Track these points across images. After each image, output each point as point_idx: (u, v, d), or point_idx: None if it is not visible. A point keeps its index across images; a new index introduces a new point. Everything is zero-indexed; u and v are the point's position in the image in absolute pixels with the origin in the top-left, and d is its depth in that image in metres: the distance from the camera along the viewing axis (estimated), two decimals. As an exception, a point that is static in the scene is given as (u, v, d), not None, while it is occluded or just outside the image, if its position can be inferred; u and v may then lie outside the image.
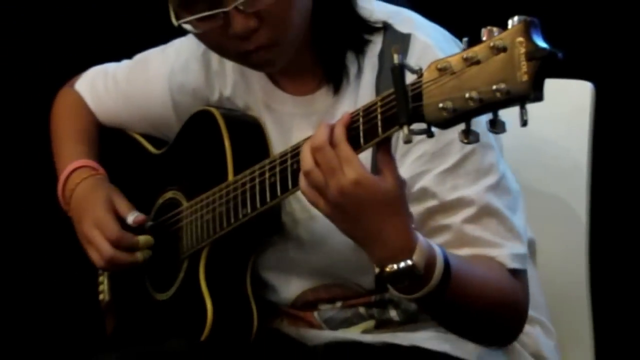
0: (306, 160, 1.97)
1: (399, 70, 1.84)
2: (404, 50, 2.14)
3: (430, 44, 2.04)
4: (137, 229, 2.57)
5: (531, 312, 2.45)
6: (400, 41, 2.21)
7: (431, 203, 2.30)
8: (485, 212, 2.30)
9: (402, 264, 1.99)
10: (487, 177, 2.31)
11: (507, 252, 2.28)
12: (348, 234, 2.10)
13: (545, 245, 2.54)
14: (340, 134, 1.91)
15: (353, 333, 2.49)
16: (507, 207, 2.32)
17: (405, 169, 2.25)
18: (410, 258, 1.97)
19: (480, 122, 1.80)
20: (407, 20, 2.36)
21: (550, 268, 2.58)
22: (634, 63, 4.07)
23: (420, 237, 2.03)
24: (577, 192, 2.73)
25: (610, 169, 2.75)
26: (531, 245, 2.51)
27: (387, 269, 2.00)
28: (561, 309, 2.66)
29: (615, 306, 2.77)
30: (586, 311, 2.74)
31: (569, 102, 2.77)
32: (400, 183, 2.01)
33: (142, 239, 2.55)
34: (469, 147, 2.22)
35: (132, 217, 2.54)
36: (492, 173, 2.31)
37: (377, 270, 2.04)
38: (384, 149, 1.97)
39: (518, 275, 2.31)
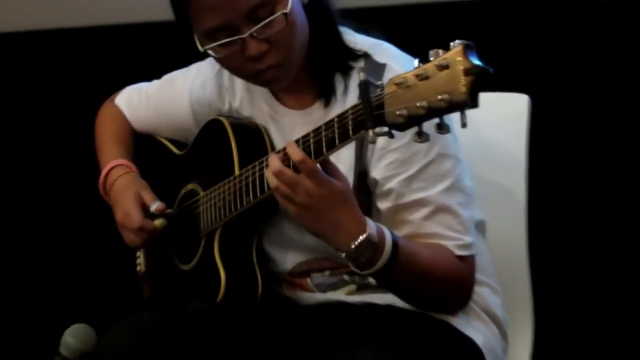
0: (271, 180, 2.10)
1: (365, 85, 1.90)
2: (379, 75, 2.19)
3: (399, 70, 2.02)
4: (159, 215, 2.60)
5: (481, 277, 2.52)
6: (377, 69, 2.27)
7: (397, 202, 2.35)
8: (440, 210, 2.36)
9: (360, 238, 2.07)
10: (444, 181, 2.35)
11: (456, 243, 2.35)
12: (314, 230, 2.18)
13: (493, 224, 2.59)
14: (299, 156, 2.02)
15: (339, 295, 2.53)
16: (460, 204, 2.38)
17: (378, 171, 2.34)
18: (365, 231, 2.07)
19: (445, 137, 2.03)
20: (384, 52, 2.42)
21: (497, 242, 2.64)
22: (563, 79, 4.08)
23: (367, 218, 2.14)
24: (518, 182, 2.79)
25: (543, 163, 2.78)
26: (482, 224, 2.56)
27: (352, 247, 2.07)
28: (506, 274, 2.70)
29: (548, 270, 2.78)
30: (526, 275, 2.79)
31: (510, 110, 2.82)
32: (347, 181, 2.15)
33: (158, 222, 2.60)
34: (430, 156, 2.35)
35: (154, 206, 2.59)
36: (447, 178, 2.36)
37: (342, 254, 2.10)
38: (325, 162, 2.09)
39: (465, 259, 2.37)
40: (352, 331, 2.36)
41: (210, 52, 2.35)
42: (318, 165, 2.06)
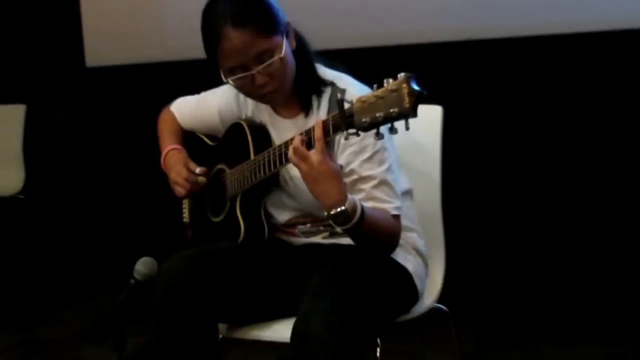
0: (291, 151, 2.14)
1: (341, 102, 2.00)
2: (341, 94, 2.16)
3: (356, 93, 2.09)
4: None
5: (412, 225, 2.58)
6: (340, 91, 2.35)
7: (355, 177, 2.37)
8: (382, 183, 2.38)
9: (339, 209, 2.13)
10: (384, 164, 2.39)
11: (392, 206, 2.37)
12: (311, 190, 2.19)
13: (418, 191, 2.64)
14: (320, 135, 2.09)
15: (316, 239, 2.57)
16: (394, 180, 2.41)
17: (342, 158, 2.38)
18: (344, 205, 2.12)
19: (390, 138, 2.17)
20: (343, 81, 2.45)
21: (421, 202, 2.68)
22: (470, 93, 4.09)
23: (349, 194, 2.16)
24: (434, 164, 2.83)
25: (450, 153, 2.76)
26: (411, 192, 2.60)
27: (332, 212, 2.14)
28: (426, 223, 2.73)
29: (454, 221, 2.77)
30: (439, 224, 2.82)
31: (430, 116, 2.84)
32: (339, 168, 2.17)
33: (200, 178, 2.63)
34: (376, 148, 2.40)
35: (198, 169, 2.64)
36: (386, 162, 2.39)
37: (325, 213, 2.17)
38: (325, 148, 2.12)
39: (396, 217, 2.38)
40: (324, 261, 2.39)
41: (230, 82, 2.39)
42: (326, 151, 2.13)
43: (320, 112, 2.41)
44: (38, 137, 5.82)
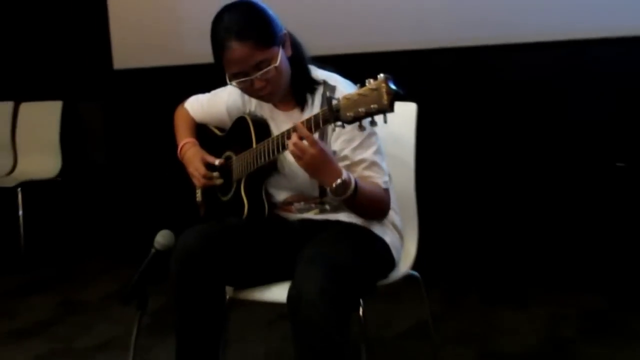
0: (290, 146, 2.15)
1: (329, 99, 2.03)
2: (332, 92, 2.27)
3: (343, 90, 2.12)
4: (214, 167, 2.62)
5: (390, 204, 2.51)
6: (331, 89, 2.33)
7: (348, 162, 2.37)
8: (372, 164, 2.39)
9: (338, 181, 2.16)
10: (372, 148, 2.39)
11: (382, 181, 2.38)
12: (311, 175, 2.26)
13: (396, 175, 2.60)
14: (307, 133, 2.11)
15: (309, 215, 2.56)
16: (381, 160, 2.42)
17: (336, 145, 2.38)
18: (341, 177, 2.15)
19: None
20: (334, 79, 2.43)
21: (398, 185, 2.64)
22: (441, 93, 4.09)
23: (343, 169, 2.20)
24: (409, 153, 2.80)
25: (422, 144, 2.75)
26: (389, 175, 2.52)
27: (334, 186, 2.17)
28: (402, 202, 2.71)
29: (426, 201, 2.76)
30: (413, 203, 2.79)
31: (405, 113, 2.81)
32: (330, 151, 2.22)
33: (215, 174, 2.60)
34: (364, 136, 2.38)
35: (217, 161, 2.63)
36: (374, 146, 2.40)
37: (329, 190, 2.20)
38: (315, 140, 2.14)
39: (386, 191, 2.40)
40: (315, 233, 2.39)
41: (234, 85, 2.39)
42: (317, 138, 2.16)
43: (315, 106, 2.41)
44: (72, 129, 5.84)
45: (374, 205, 2.39)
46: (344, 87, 2.35)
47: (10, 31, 6.08)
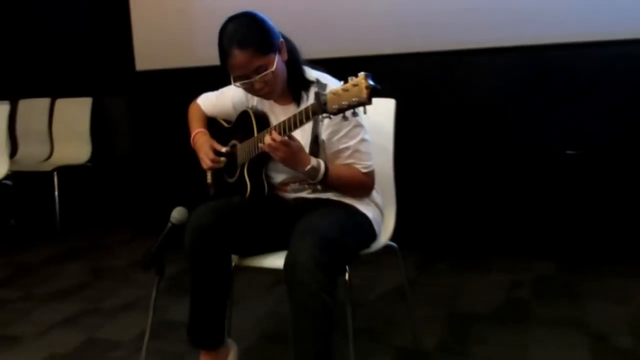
0: (266, 146, 2.25)
1: (317, 94, 2.01)
2: (324, 89, 2.19)
3: (333, 87, 2.03)
4: (222, 153, 2.60)
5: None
6: (322, 86, 2.26)
7: (334, 149, 2.37)
8: (356, 152, 2.38)
9: (308, 167, 2.23)
10: (357, 138, 2.37)
11: (362, 166, 2.38)
12: (286, 165, 2.29)
13: (376, 158, 2.53)
14: (279, 138, 2.20)
15: (303, 194, 2.54)
16: (365, 148, 2.40)
17: (325, 134, 2.37)
18: (310, 164, 2.23)
19: (357, 118, 2.05)
20: (325, 78, 2.41)
21: (378, 167, 2.57)
22: (417, 90, 4.08)
23: (312, 157, 2.28)
24: (388, 140, 2.78)
25: (399, 132, 2.72)
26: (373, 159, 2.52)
27: (305, 170, 2.22)
28: (383, 183, 2.68)
29: (402, 181, 2.74)
30: (392, 184, 2.76)
31: (386, 107, 2.78)
32: (300, 143, 2.27)
33: (222, 159, 2.58)
34: (350, 127, 2.37)
35: (224, 149, 2.61)
36: (358, 136, 2.38)
37: (302, 173, 2.27)
38: (290, 136, 2.23)
39: (366, 174, 2.40)
40: (308, 210, 2.38)
41: (237, 85, 2.38)
42: (286, 138, 2.18)
43: (309, 101, 2.36)
44: (100, 121, 5.84)
45: (351, 185, 2.41)
46: (333, 85, 2.31)
47: (45, 38, 6.06)
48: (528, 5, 3.89)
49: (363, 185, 2.44)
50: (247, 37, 2.29)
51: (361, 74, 1.97)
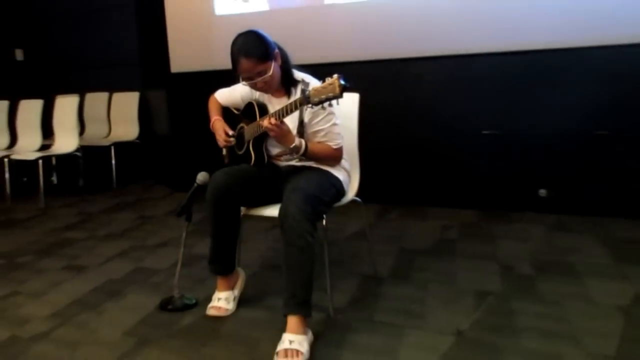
0: (265, 127, 2.21)
1: (303, 91, 2.03)
2: (307, 86, 2.14)
3: (314, 84, 2.06)
4: (231, 134, 2.57)
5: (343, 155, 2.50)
6: (307, 84, 2.23)
7: (313, 130, 2.35)
8: (328, 133, 2.36)
9: (292, 145, 2.23)
10: (329, 122, 2.35)
11: (333, 144, 2.38)
12: (278, 141, 2.28)
13: (346, 136, 2.52)
14: (274, 121, 2.19)
15: (293, 162, 2.50)
16: (336, 129, 2.37)
17: (307, 119, 2.35)
18: (294, 143, 2.22)
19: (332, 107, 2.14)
20: (309, 78, 2.38)
21: (347, 141, 2.56)
22: (375, 86, 4.04)
23: (296, 137, 2.26)
24: (353, 121, 2.73)
25: (362, 116, 2.70)
26: (342, 138, 2.47)
27: (290, 146, 2.21)
28: (350, 154, 2.65)
29: (365, 153, 2.72)
30: (356, 154, 2.73)
31: (352, 99, 2.74)
32: (289, 127, 2.26)
33: (232, 139, 2.56)
34: (326, 113, 2.35)
35: (231, 132, 2.57)
36: (332, 121, 2.36)
37: (288, 149, 2.24)
38: (282, 121, 2.22)
39: (337, 150, 2.39)
40: (296, 173, 2.37)
41: (244, 84, 2.36)
42: (279, 122, 2.17)
43: (297, 94, 2.34)
44: (145, 109, 5.80)
45: (325, 157, 2.39)
46: (315, 83, 2.28)
47: (105, 48, 5.99)
48: (455, 22, 3.88)
49: (334, 157, 2.42)
50: (251, 49, 2.26)
51: (335, 75, 1.96)
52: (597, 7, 3.51)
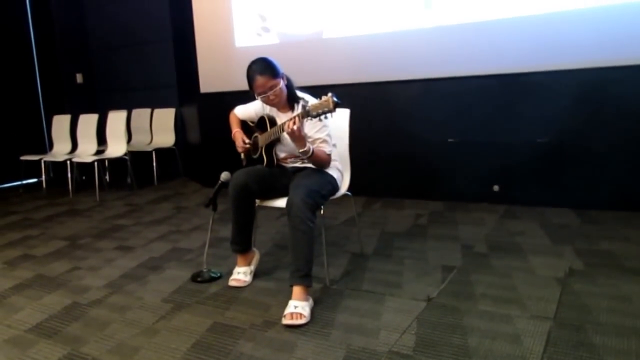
0: (286, 130, 2.11)
1: (304, 106, 2.00)
2: (306, 103, 2.12)
3: (312, 102, 2.04)
4: (247, 143, 2.54)
5: (336, 158, 2.48)
6: (306, 101, 2.22)
7: (311, 139, 2.30)
8: (323, 141, 2.33)
9: (305, 148, 2.12)
10: (324, 132, 2.32)
11: (327, 150, 2.33)
12: (294, 144, 2.18)
13: (338, 144, 2.51)
14: (296, 127, 2.08)
15: (297, 164, 2.49)
16: (329, 140, 2.35)
17: (307, 130, 2.28)
18: (306, 146, 2.13)
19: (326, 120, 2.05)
20: (308, 97, 2.34)
21: (339, 147, 2.54)
22: (363, 104, 4.00)
23: (308, 142, 2.17)
24: (345, 134, 2.69)
25: (352, 128, 2.68)
26: (335, 145, 2.48)
27: (302, 150, 2.13)
28: (342, 157, 2.62)
29: (354, 156, 2.70)
30: (347, 157, 2.68)
31: (343, 113, 2.71)
32: (304, 132, 2.16)
33: (248, 146, 2.54)
34: (321, 125, 2.30)
35: (247, 140, 2.53)
36: (326, 132, 2.33)
37: (300, 152, 2.15)
38: (299, 127, 2.10)
39: (329, 155, 2.35)
40: (299, 173, 2.36)
41: (258, 99, 2.34)
42: (300, 126, 2.10)
43: (298, 110, 2.32)
44: (180, 122, 5.74)
45: (322, 161, 2.33)
46: (312, 100, 2.25)
47: (148, 73, 5.96)
48: (424, 54, 3.85)
49: (327, 161, 2.37)
50: (264, 69, 2.26)
51: (329, 94, 1.95)
52: (549, 34, 3.47)
